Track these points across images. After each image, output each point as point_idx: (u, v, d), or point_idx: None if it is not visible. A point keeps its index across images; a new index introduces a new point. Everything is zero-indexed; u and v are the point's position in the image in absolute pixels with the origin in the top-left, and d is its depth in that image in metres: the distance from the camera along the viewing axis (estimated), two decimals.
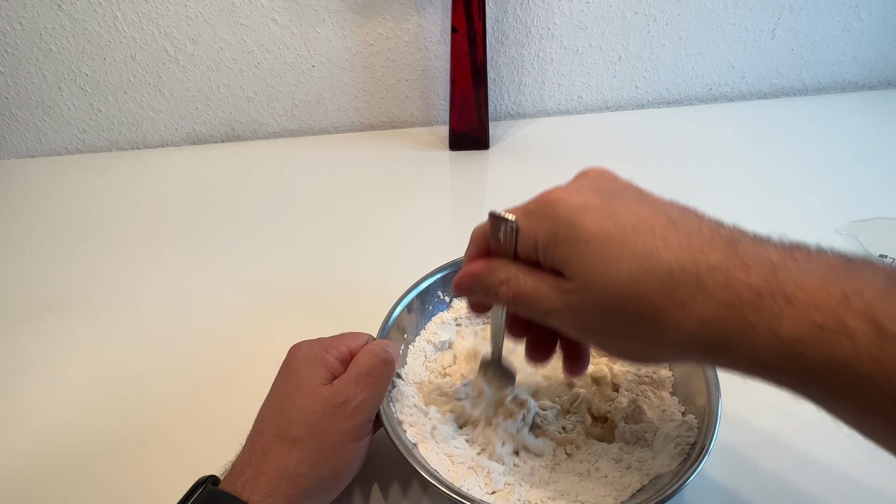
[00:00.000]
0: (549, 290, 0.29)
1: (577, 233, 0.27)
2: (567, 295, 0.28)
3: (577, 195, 0.29)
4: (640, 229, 0.27)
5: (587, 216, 0.28)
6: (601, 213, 0.28)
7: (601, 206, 0.28)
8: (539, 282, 0.30)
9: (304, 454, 0.34)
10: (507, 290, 0.31)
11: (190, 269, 0.61)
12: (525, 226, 0.30)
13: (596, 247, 0.27)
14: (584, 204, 0.28)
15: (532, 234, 0.30)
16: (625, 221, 0.27)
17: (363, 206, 0.69)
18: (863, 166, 0.72)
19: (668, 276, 0.26)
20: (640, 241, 0.27)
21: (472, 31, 0.69)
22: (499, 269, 0.31)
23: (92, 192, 0.73)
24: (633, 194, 0.30)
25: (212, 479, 0.35)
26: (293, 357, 0.39)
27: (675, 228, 0.27)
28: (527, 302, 0.30)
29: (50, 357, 0.52)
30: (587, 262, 0.27)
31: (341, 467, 0.36)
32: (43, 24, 0.71)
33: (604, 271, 0.27)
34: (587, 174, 0.32)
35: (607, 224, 0.27)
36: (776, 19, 0.81)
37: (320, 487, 0.35)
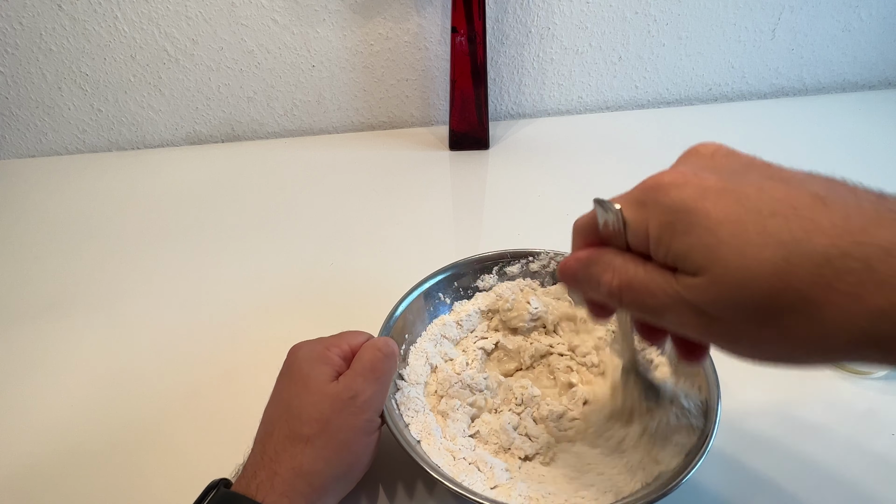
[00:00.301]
0: (666, 283, 0.25)
1: (701, 220, 0.23)
2: (689, 291, 0.24)
3: (693, 177, 0.25)
4: (779, 212, 0.22)
5: (709, 201, 0.23)
6: (727, 196, 0.23)
7: (725, 188, 0.24)
8: (653, 273, 0.25)
9: (318, 451, 0.34)
10: (613, 277, 0.27)
11: (190, 269, 0.61)
12: (633, 218, 0.26)
13: (726, 234, 0.23)
14: (703, 187, 0.24)
15: (642, 227, 0.25)
16: (758, 204, 0.23)
17: (363, 206, 0.69)
18: (863, 166, 0.72)
19: (826, 264, 0.21)
20: (784, 226, 0.22)
21: (472, 31, 0.69)
22: (605, 254, 0.27)
23: (92, 192, 0.73)
24: (761, 171, 0.25)
25: (224, 482, 0.35)
26: (295, 357, 0.39)
27: (826, 207, 0.22)
28: (637, 295, 0.26)
29: (50, 357, 0.52)
30: (717, 253, 0.23)
31: (354, 462, 0.36)
32: (43, 24, 0.71)
33: (740, 262, 0.22)
34: (697, 152, 0.27)
35: (737, 209, 0.23)
36: (776, 19, 0.81)
37: (335, 483, 0.35)
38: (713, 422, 0.37)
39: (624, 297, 0.27)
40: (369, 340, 0.40)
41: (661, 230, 0.25)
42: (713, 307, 0.24)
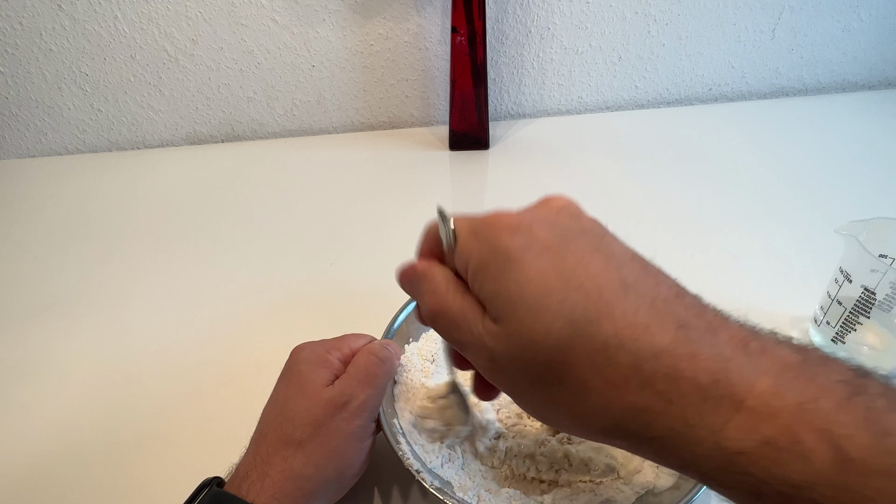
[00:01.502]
0: (474, 320, 0.25)
1: (513, 272, 0.24)
2: (487, 335, 0.25)
3: (528, 227, 0.25)
4: (584, 289, 0.23)
5: (530, 256, 0.24)
6: (547, 257, 0.24)
7: (550, 248, 0.25)
8: (467, 306, 0.26)
9: (309, 456, 0.34)
10: (433, 301, 0.27)
11: (190, 269, 0.61)
12: (462, 241, 0.27)
13: (530, 295, 0.24)
14: (531, 240, 0.25)
15: (466, 253, 0.26)
16: (570, 274, 0.24)
17: (363, 205, 0.69)
18: (863, 166, 0.72)
19: (603, 350, 0.23)
20: (581, 303, 0.23)
21: (472, 31, 0.69)
22: (435, 275, 0.28)
23: (92, 192, 0.73)
24: (591, 241, 0.26)
25: (217, 480, 0.35)
26: (295, 359, 0.39)
27: (625, 296, 0.23)
28: (448, 324, 0.27)
29: (50, 357, 0.52)
30: (517, 310, 0.24)
31: (345, 468, 0.36)
32: (43, 24, 0.71)
33: (532, 325, 0.23)
34: (549, 204, 0.28)
35: (550, 273, 0.24)
36: (776, 19, 0.81)
37: (326, 489, 0.35)
38: None
39: (437, 322, 0.27)
40: (368, 344, 0.39)
41: (479, 266, 0.25)
42: (501, 357, 0.25)
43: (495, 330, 0.25)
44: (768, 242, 0.61)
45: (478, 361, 0.26)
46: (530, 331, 0.24)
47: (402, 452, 0.36)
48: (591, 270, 0.24)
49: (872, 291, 0.43)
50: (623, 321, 0.23)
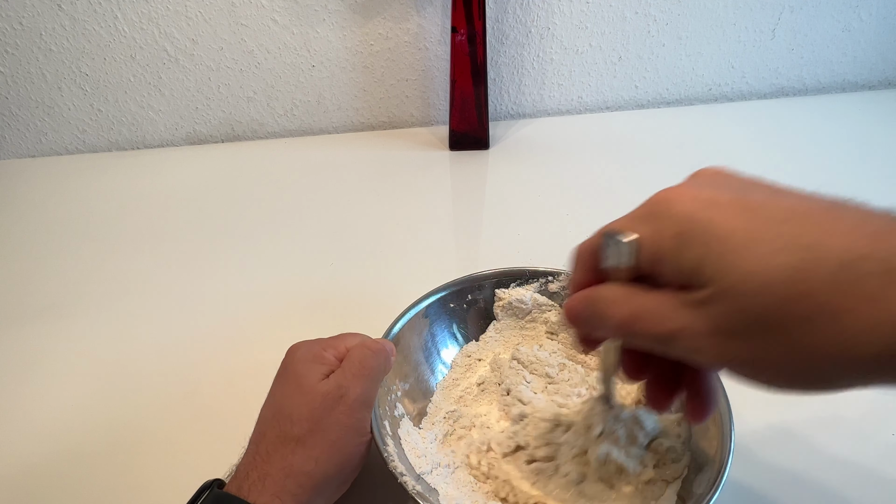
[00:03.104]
0: (673, 306, 0.24)
1: (710, 229, 0.22)
2: (698, 308, 0.23)
3: (699, 191, 0.24)
4: (792, 219, 0.22)
5: (719, 210, 0.23)
6: (735, 206, 0.23)
7: (733, 199, 0.23)
8: (658, 298, 0.24)
9: (308, 451, 0.34)
10: (620, 311, 0.25)
11: (190, 269, 0.61)
12: (646, 234, 0.25)
13: (737, 243, 0.22)
14: (710, 199, 0.24)
15: (654, 241, 0.24)
16: (769, 212, 0.22)
17: (363, 205, 0.69)
18: (863, 166, 0.72)
19: (845, 267, 0.20)
20: (797, 230, 0.21)
21: (472, 31, 0.69)
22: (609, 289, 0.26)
23: (92, 192, 0.73)
24: (765, 188, 0.25)
25: (217, 482, 0.35)
26: (291, 357, 0.39)
27: (838, 213, 0.22)
28: (644, 324, 0.25)
29: (50, 357, 0.52)
30: (728, 261, 0.22)
31: (345, 462, 0.36)
32: (43, 24, 0.71)
33: (752, 269, 0.21)
34: (700, 174, 0.27)
35: (747, 217, 0.22)
36: (776, 19, 0.81)
37: (326, 484, 0.35)
38: (728, 450, 0.35)
39: (635, 327, 0.25)
40: (362, 340, 0.40)
41: (674, 241, 0.24)
42: (725, 321, 0.22)
43: (708, 295, 0.22)
44: None
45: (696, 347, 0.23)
46: (752, 276, 0.21)
47: (388, 454, 0.36)
48: (788, 203, 0.23)
49: None
50: (851, 234, 0.21)
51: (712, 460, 0.36)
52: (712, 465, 0.36)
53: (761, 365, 0.23)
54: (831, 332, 0.20)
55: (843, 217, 0.22)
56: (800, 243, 0.21)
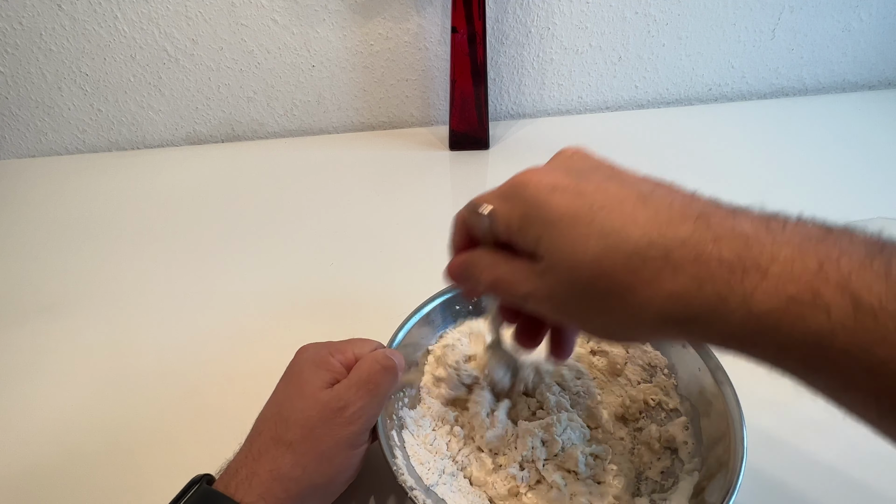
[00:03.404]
0: (524, 274, 0.29)
1: (547, 213, 0.28)
2: (540, 277, 0.28)
3: (547, 175, 0.29)
4: (607, 206, 0.27)
5: (556, 196, 0.28)
6: (570, 192, 0.28)
7: (570, 185, 0.28)
8: (515, 266, 0.30)
9: (298, 458, 0.34)
10: (487, 276, 0.31)
11: (190, 269, 0.61)
12: (500, 210, 0.30)
13: (564, 226, 0.27)
14: (553, 184, 0.28)
15: (506, 217, 0.30)
16: (592, 200, 0.27)
17: (363, 205, 0.69)
18: (863, 166, 0.72)
19: (635, 253, 0.25)
20: (607, 219, 0.26)
21: (472, 31, 0.69)
22: (480, 257, 0.32)
23: (92, 192, 0.73)
24: (604, 172, 0.30)
25: (207, 477, 0.35)
26: (299, 359, 0.39)
27: (644, 204, 0.26)
28: (505, 287, 0.30)
29: (50, 357, 0.52)
30: (556, 243, 0.27)
31: (334, 474, 0.35)
32: (43, 24, 0.71)
33: (571, 250, 0.27)
34: (562, 153, 0.32)
35: (575, 203, 0.27)
36: (776, 19, 0.81)
37: (312, 493, 0.35)
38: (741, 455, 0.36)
39: (497, 289, 0.31)
40: (373, 352, 0.39)
41: (520, 221, 0.29)
42: (556, 290, 0.28)
43: (544, 268, 0.28)
44: None
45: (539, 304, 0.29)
46: (571, 255, 0.27)
47: (397, 468, 0.36)
48: (610, 191, 0.27)
49: None
50: (647, 224, 0.26)
51: (725, 467, 0.36)
52: (725, 473, 0.36)
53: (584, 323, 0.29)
54: (623, 304, 0.26)
55: (648, 206, 0.26)
56: (607, 230, 0.26)
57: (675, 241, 0.25)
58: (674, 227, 0.25)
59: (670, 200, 0.27)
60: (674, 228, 0.25)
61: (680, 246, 0.25)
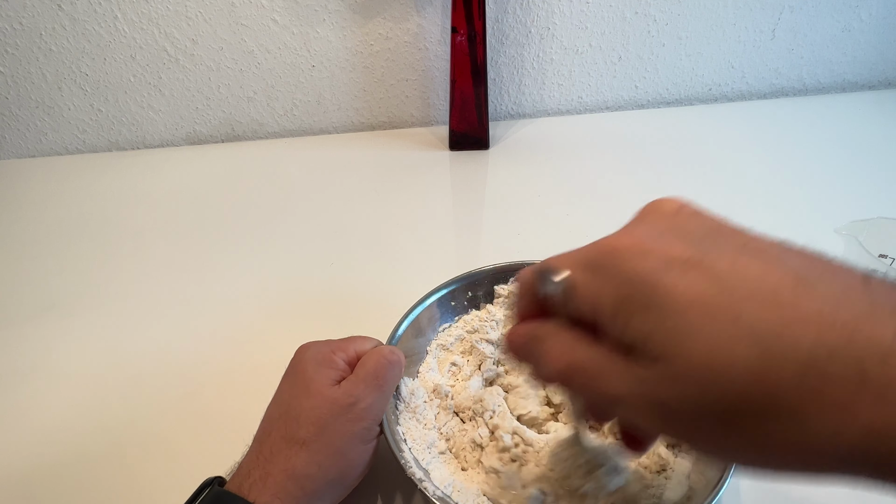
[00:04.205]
0: (616, 370, 0.22)
1: (664, 299, 0.20)
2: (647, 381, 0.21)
3: (656, 244, 0.22)
4: (756, 296, 0.19)
5: (675, 275, 0.20)
6: (695, 270, 0.20)
7: (693, 259, 0.21)
8: (601, 356, 0.22)
9: (312, 456, 0.34)
10: (559, 359, 0.24)
11: (190, 269, 0.61)
12: (584, 284, 0.23)
13: (693, 320, 0.20)
14: (667, 257, 0.21)
15: (593, 296, 0.22)
16: (732, 284, 0.20)
17: (363, 206, 0.69)
18: (863, 166, 0.72)
19: (812, 365, 0.18)
20: (761, 314, 0.19)
21: (472, 31, 0.69)
22: (550, 331, 0.24)
23: (92, 192, 0.73)
24: (732, 239, 0.22)
25: (218, 480, 0.35)
26: (301, 358, 0.39)
27: (809, 290, 0.19)
28: (585, 382, 0.23)
29: (50, 357, 0.52)
30: (682, 342, 0.20)
31: (348, 469, 0.36)
32: (43, 24, 0.71)
33: (708, 356, 0.19)
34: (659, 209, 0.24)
35: (708, 288, 0.20)
36: (776, 19, 0.81)
37: (328, 489, 0.35)
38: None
39: (573, 381, 0.23)
40: (376, 347, 0.39)
41: (617, 304, 0.21)
42: (674, 402, 0.20)
43: (657, 373, 0.20)
44: None
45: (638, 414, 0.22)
46: (708, 364, 0.19)
47: (405, 461, 0.36)
48: (753, 272, 0.20)
49: None
50: (822, 323, 0.18)
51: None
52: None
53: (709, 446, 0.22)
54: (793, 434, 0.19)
55: (815, 294, 0.19)
56: (764, 331, 0.19)
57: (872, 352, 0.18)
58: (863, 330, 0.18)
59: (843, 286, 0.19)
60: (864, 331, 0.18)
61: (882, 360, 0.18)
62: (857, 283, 0.20)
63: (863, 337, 0.18)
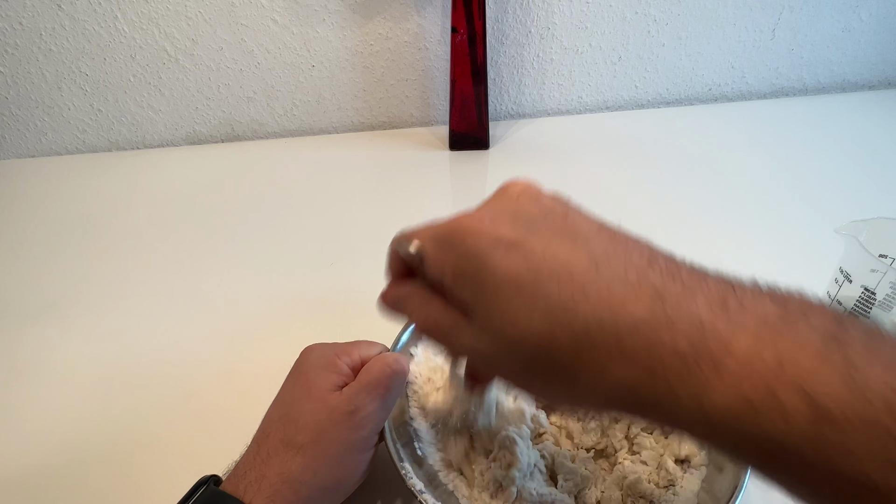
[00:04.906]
0: (460, 326, 0.26)
1: (486, 274, 0.25)
2: (478, 338, 0.26)
3: (491, 224, 0.26)
4: (556, 274, 0.24)
5: (499, 254, 0.25)
6: (515, 251, 0.25)
7: (516, 240, 0.25)
8: (449, 315, 0.27)
9: (308, 461, 0.34)
10: (419, 317, 0.29)
11: (190, 269, 0.61)
12: (432, 255, 0.27)
13: (506, 293, 0.24)
14: (496, 237, 0.25)
15: (439, 265, 0.27)
16: (540, 263, 0.24)
17: (363, 205, 0.69)
18: (863, 166, 0.72)
19: (583, 333, 0.23)
20: (555, 290, 0.23)
21: (472, 31, 0.69)
22: (411, 292, 0.29)
23: (92, 192, 0.73)
24: (555, 222, 0.26)
25: (214, 479, 0.35)
26: (304, 360, 0.38)
27: (597, 273, 0.24)
28: (440, 335, 0.28)
29: (49, 357, 0.52)
30: (494, 310, 0.25)
31: (344, 477, 0.35)
32: (43, 24, 0.71)
33: (513, 322, 0.24)
34: (507, 191, 0.29)
35: (520, 266, 0.24)
36: (776, 19, 0.81)
37: (322, 496, 0.35)
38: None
39: (432, 334, 0.28)
40: (381, 354, 0.39)
41: (456, 274, 0.26)
42: (493, 357, 0.26)
43: (480, 334, 0.25)
44: (768, 242, 0.61)
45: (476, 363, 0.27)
46: (511, 331, 0.24)
47: (406, 471, 0.36)
48: (560, 255, 0.24)
49: (872, 291, 0.43)
50: (599, 300, 0.23)
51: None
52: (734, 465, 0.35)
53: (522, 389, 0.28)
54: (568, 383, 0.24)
55: (602, 276, 0.24)
56: (554, 304, 0.23)
57: (627, 325, 0.23)
58: (627, 308, 0.23)
59: (625, 268, 0.24)
60: (627, 309, 0.23)
61: (632, 331, 0.22)
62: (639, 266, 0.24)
63: (624, 313, 0.23)
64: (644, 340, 0.22)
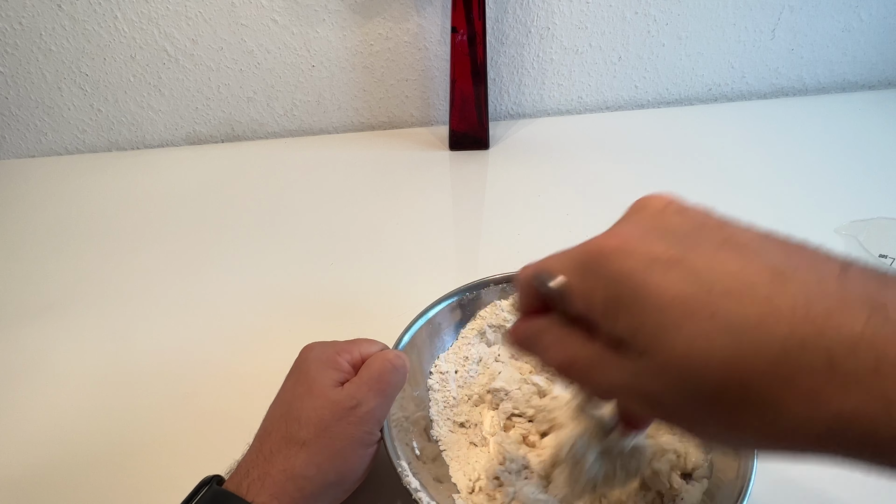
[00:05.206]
0: (609, 363, 0.23)
1: (646, 299, 0.21)
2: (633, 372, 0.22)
3: (640, 242, 0.23)
4: (733, 291, 0.20)
5: (657, 274, 0.21)
6: (676, 268, 0.21)
7: (674, 257, 0.22)
8: (594, 351, 0.24)
9: (311, 457, 0.34)
10: (557, 354, 0.25)
11: (189, 269, 0.61)
12: (576, 285, 0.24)
13: (673, 317, 0.21)
14: (651, 256, 0.22)
15: (584, 297, 0.23)
16: (710, 279, 0.21)
17: (363, 206, 0.69)
18: (863, 166, 0.72)
19: (783, 357, 0.19)
20: (737, 309, 0.20)
21: (472, 31, 0.69)
22: (548, 326, 0.26)
23: (92, 192, 0.73)
24: (712, 235, 0.23)
25: (217, 478, 0.35)
26: (305, 358, 0.38)
27: (785, 284, 0.20)
28: (580, 374, 0.24)
29: (49, 357, 0.52)
30: (663, 338, 0.21)
31: (348, 472, 0.36)
32: (43, 24, 0.71)
33: (687, 350, 0.20)
34: (647, 206, 0.25)
35: (686, 285, 0.21)
36: (776, 19, 0.81)
37: (326, 492, 0.35)
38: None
39: (571, 374, 0.25)
40: (382, 350, 0.39)
41: (606, 303, 0.23)
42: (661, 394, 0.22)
43: (644, 366, 0.22)
44: None
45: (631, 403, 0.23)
46: (688, 357, 0.20)
47: (402, 469, 0.36)
48: (732, 267, 0.21)
49: None
50: (795, 315, 0.19)
51: (734, 472, 0.36)
52: (735, 479, 0.35)
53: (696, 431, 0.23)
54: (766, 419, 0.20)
55: (790, 288, 0.20)
56: (738, 325, 0.20)
57: (841, 344, 0.19)
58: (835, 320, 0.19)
59: (818, 277, 0.20)
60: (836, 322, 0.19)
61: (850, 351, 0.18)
62: (834, 274, 0.20)
63: (833, 329, 0.19)
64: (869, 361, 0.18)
